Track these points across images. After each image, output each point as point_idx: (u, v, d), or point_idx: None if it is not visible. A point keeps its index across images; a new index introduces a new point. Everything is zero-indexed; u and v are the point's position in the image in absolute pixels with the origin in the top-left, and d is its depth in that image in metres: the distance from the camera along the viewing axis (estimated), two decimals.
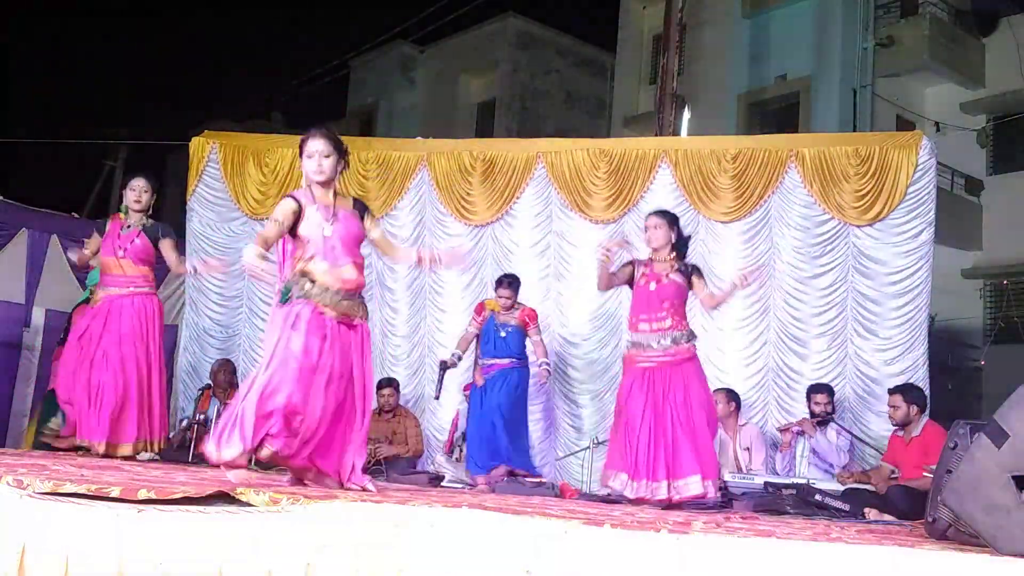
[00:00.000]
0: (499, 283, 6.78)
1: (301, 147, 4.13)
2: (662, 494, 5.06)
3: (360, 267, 4.22)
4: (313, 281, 4.01)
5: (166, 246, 5.84)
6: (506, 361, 6.61)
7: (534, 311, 6.79)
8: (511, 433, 6.51)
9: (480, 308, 6.83)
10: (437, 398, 6.96)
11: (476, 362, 6.83)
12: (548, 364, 6.73)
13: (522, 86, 19.63)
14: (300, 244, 4.07)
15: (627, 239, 6.49)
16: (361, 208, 4.28)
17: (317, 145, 4.08)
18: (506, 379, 6.59)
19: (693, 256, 5.68)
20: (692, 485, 5.09)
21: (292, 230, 4.05)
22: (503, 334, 6.66)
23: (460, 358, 6.78)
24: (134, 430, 5.63)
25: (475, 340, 6.86)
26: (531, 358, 6.77)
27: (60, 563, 2.55)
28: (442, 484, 6.54)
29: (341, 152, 4.15)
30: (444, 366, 6.79)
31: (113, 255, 5.75)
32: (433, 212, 7.99)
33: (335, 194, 4.16)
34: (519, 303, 6.78)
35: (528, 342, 6.76)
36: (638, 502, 5.05)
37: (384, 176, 8.03)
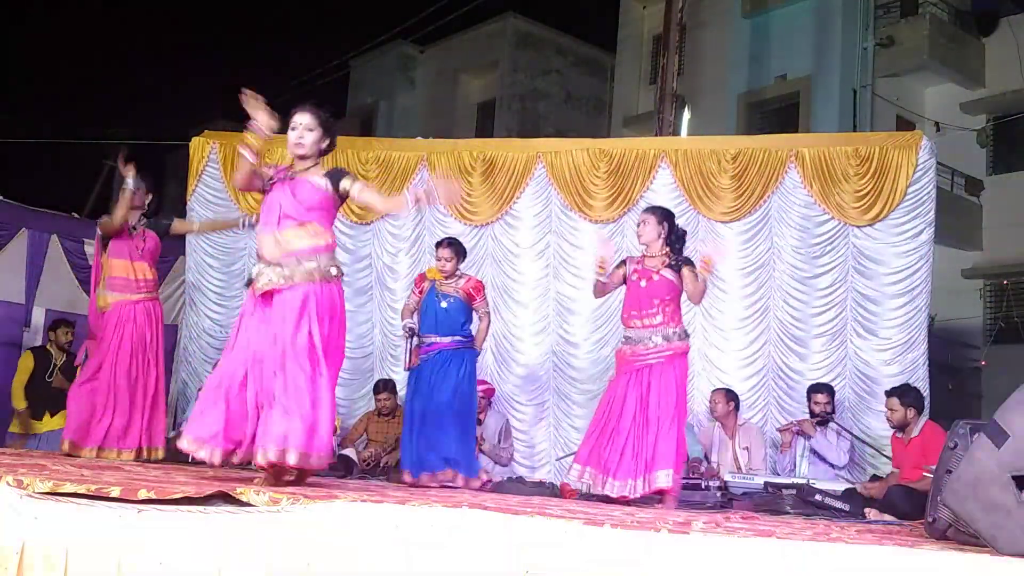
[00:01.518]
0: (438, 244, 6.19)
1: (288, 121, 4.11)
2: (639, 490, 5.08)
3: (307, 230, 4.01)
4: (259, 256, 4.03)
5: (178, 225, 6.03)
6: (447, 340, 5.92)
7: (481, 283, 6.20)
8: (460, 430, 5.91)
9: (420, 278, 6.24)
10: (406, 369, 6.18)
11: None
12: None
13: (522, 86, 19.62)
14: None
15: (608, 239, 6.13)
16: (334, 175, 4.09)
17: (302, 118, 4.07)
18: (448, 367, 5.89)
19: (693, 256, 5.65)
20: (662, 478, 5.09)
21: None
22: (444, 305, 5.98)
23: (415, 325, 6.03)
24: (136, 438, 5.70)
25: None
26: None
27: (60, 563, 2.55)
28: (442, 484, 6.53)
29: (327, 130, 4.10)
30: (412, 332, 6.08)
31: (128, 258, 5.80)
32: (433, 212, 7.98)
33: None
34: (463, 273, 6.16)
35: (475, 318, 6.12)
36: (619, 501, 5.03)
37: (384, 176, 8.02)
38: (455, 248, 6.10)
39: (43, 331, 8.10)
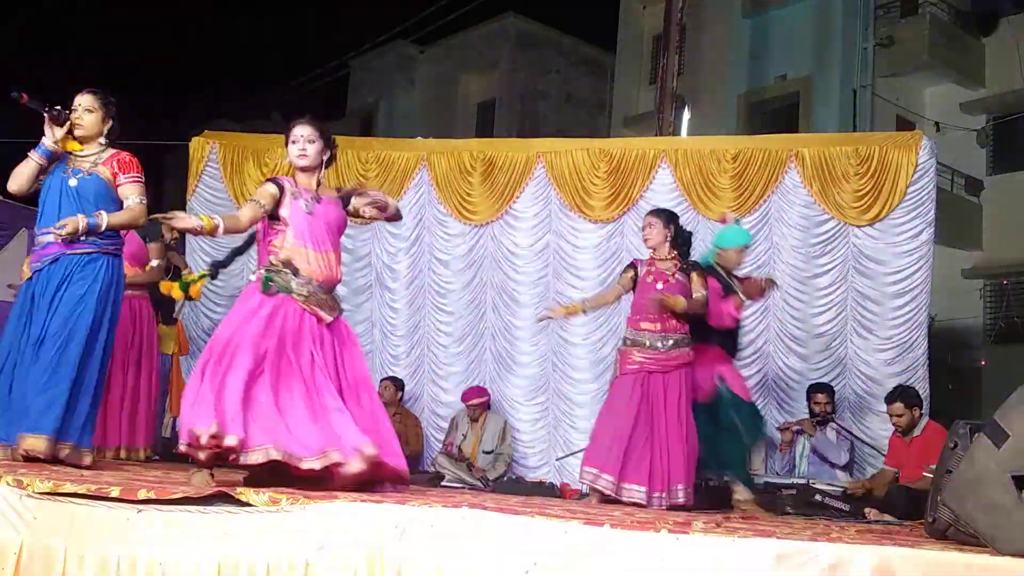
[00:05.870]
0: (80, 92, 4.32)
1: (287, 134, 4.08)
2: (663, 504, 5.03)
3: (339, 259, 4.08)
4: (296, 271, 3.88)
5: (153, 248, 5.89)
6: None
7: (135, 158, 4.30)
8: (79, 381, 4.00)
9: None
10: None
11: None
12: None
13: (522, 86, 19.61)
14: (279, 228, 3.94)
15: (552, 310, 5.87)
16: (345, 195, 4.13)
17: (303, 131, 4.03)
18: (71, 283, 4.03)
19: (693, 255, 5.65)
20: (680, 493, 5.08)
21: (273, 215, 3.93)
22: (73, 183, 4.13)
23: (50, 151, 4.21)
24: (116, 437, 5.46)
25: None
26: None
27: (59, 563, 2.56)
28: (442, 484, 6.54)
29: (327, 141, 4.08)
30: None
31: None
32: (433, 212, 8.00)
33: (319, 183, 4.08)
34: (111, 144, 4.26)
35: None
36: (632, 506, 5.02)
37: (384, 176, 8.03)
38: (101, 98, 4.30)
39: None
